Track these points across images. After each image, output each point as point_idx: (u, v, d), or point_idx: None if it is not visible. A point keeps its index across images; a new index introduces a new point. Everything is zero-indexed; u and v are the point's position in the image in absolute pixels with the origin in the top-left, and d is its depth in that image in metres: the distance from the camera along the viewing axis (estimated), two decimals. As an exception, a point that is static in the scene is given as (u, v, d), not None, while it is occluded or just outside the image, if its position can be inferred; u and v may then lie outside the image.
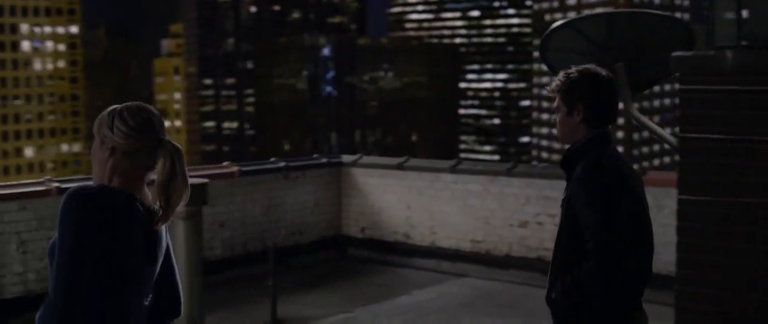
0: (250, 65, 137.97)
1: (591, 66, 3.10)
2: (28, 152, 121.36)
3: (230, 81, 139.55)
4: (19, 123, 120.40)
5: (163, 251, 2.55)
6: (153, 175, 2.49)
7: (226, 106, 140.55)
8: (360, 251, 9.58)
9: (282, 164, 9.28)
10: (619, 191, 2.94)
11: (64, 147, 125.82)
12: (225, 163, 9.03)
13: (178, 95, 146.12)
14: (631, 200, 2.97)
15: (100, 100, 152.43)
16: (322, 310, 7.42)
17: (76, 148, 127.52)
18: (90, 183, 2.48)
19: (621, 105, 3.39)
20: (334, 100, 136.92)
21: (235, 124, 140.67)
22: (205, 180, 6.34)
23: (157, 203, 2.47)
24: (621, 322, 3.05)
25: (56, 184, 7.22)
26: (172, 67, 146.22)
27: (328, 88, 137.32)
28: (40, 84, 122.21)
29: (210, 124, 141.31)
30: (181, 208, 2.54)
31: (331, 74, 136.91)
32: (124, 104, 2.52)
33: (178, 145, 2.51)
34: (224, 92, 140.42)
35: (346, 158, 9.91)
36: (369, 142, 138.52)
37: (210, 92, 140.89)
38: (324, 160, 9.86)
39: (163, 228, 2.55)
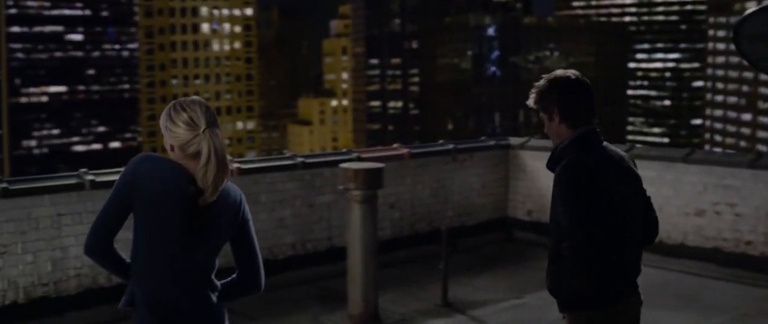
0: (415, 45, 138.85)
1: (559, 71, 3.33)
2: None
3: (396, 61, 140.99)
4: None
5: (216, 229, 2.94)
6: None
7: (391, 86, 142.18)
8: (526, 234, 9.52)
9: (450, 146, 9.32)
10: (589, 192, 3.12)
11: (239, 124, 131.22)
12: (395, 145, 9.18)
13: (345, 75, 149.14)
14: (603, 200, 3.13)
15: (273, 79, 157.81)
16: (492, 294, 7.42)
17: (250, 125, 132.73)
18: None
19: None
20: (498, 80, 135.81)
21: (399, 104, 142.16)
22: (381, 165, 6.46)
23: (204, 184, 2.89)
24: (603, 306, 3.23)
25: (237, 165, 7.55)
26: (340, 47, 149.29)
27: (493, 68, 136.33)
28: (218, 64, 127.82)
29: (375, 103, 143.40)
30: (216, 183, 2.93)
31: (495, 54, 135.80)
32: (172, 104, 2.96)
33: (216, 131, 2.90)
34: (390, 72, 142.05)
35: (514, 141, 9.84)
36: (532, 123, 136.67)
37: (376, 72, 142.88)
38: (492, 142, 9.83)
39: (228, 208, 2.97)
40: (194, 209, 2.87)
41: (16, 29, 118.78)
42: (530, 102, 3.39)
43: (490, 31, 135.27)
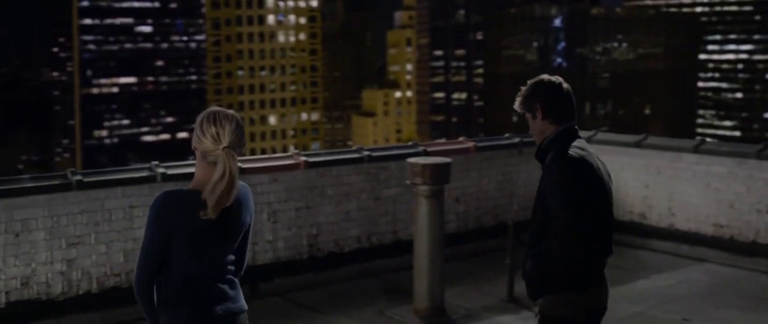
0: (480, 36, 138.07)
1: (544, 76, 3.67)
2: (272, 120, 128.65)
3: (460, 52, 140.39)
4: (264, 92, 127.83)
5: (231, 233, 3.25)
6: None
7: (455, 77, 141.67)
8: (593, 230, 9.40)
9: (516, 140, 9.26)
10: (578, 178, 3.43)
11: (304, 115, 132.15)
12: (461, 139, 9.15)
13: (409, 66, 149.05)
14: (590, 186, 3.45)
15: (337, 71, 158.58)
16: (556, 289, 7.36)
17: (315, 116, 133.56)
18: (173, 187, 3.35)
19: None
20: (564, 71, 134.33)
21: (463, 95, 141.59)
22: (448, 160, 6.45)
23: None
24: (580, 290, 3.50)
25: (304, 158, 7.61)
26: (405, 38, 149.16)
27: (559, 60, 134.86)
28: (283, 55, 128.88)
29: (439, 94, 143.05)
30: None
31: (561, 45, 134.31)
32: (209, 113, 3.22)
33: (233, 152, 3.15)
34: (454, 63, 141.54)
35: (581, 134, 9.70)
36: (599, 115, 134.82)
37: (440, 63, 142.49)
38: (558, 136, 9.73)
39: (240, 214, 3.26)
40: (214, 224, 3.18)
41: (88, 21, 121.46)
42: (516, 105, 3.70)
43: (557, 22, 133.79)
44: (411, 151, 8.19)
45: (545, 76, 3.67)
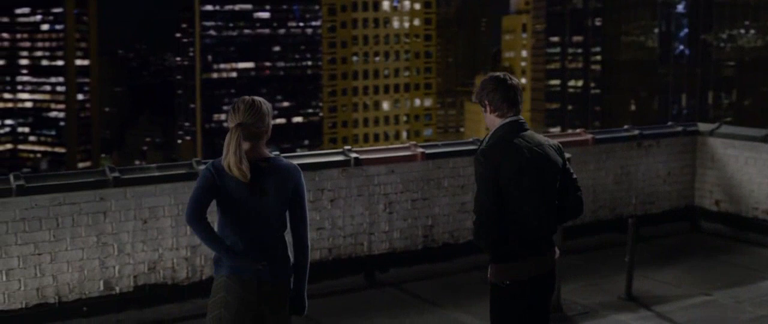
0: (598, 22, 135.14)
1: (495, 73, 4.05)
2: (385, 106, 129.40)
3: (577, 38, 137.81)
4: (378, 78, 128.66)
5: (268, 194, 3.75)
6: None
7: (572, 65, 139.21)
8: (713, 225, 9.14)
9: (636, 132, 9.08)
10: (489, 170, 3.83)
11: (417, 101, 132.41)
12: (578, 130, 9.03)
13: (524, 53, 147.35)
14: (501, 178, 3.82)
15: (451, 57, 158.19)
16: (677, 289, 7.17)
17: (428, 102, 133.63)
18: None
19: None
20: (687, 59, 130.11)
21: (580, 83, 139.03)
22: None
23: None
24: (507, 261, 3.89)
25: (421, 150, 7.66)
26: (520, 24, 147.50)
27: (681, 47, 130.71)
28: (398, 41, 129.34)
29: (555, 82, 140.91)
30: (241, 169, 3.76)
31: (684, 32, 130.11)
32: (236, 101, 3.84)
33: (239, 126, 3.75)
34: (570, 50, 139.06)
35: (703, 127, 9.44)
36: (722, 105, 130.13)
37: (556, 50, 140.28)
38: (679, 128, 9.49)
39: (276, 178, 3.77)
40: (250, 184, 3.74)
41: (209, 8, 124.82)
42: (473, 98, 4.16)
43: (680, 8, 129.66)
44: (527, 143, 8.12)
45: (493, 73, 4.07)
